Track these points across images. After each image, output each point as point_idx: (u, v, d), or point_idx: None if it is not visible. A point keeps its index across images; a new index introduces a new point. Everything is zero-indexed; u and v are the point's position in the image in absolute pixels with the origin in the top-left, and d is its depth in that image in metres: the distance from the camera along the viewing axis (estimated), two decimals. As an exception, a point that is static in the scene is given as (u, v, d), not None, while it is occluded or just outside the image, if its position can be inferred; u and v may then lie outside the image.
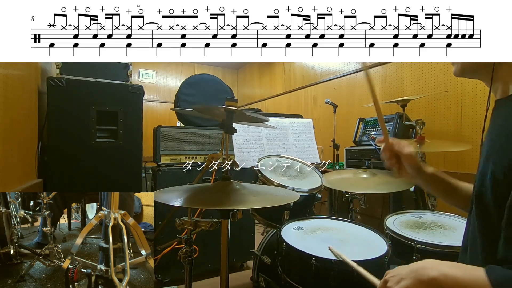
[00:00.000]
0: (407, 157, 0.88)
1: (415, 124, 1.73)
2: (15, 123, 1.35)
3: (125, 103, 1.86)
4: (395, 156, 0.90)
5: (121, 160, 1.84)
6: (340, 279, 0.96)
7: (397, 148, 0.89)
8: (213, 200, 0.89)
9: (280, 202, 0.92)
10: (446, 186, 0.89)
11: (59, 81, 1.68)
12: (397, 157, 0.90)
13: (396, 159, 0.90)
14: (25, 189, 1.48)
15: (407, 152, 0.88)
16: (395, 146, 0.90)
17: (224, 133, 1.04)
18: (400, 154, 0.89)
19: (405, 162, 0.89)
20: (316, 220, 1.38)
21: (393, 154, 0.90)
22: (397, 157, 0.90)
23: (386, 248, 1.06)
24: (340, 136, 2.84)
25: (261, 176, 1.45)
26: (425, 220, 1.39)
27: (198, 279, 2.11)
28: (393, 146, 0.90)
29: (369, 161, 2.21)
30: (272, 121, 2.10)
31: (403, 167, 0.90)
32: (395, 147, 0.90)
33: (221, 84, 2.58)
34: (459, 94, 2.22)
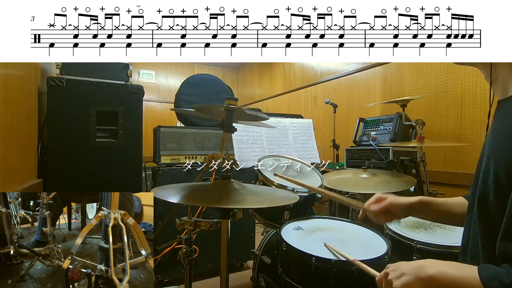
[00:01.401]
0: (389, 206, 0.88)
1: (415, 124, 1.73)
2: (15, 123, 1.35)
3: (125, 103, 1.86)
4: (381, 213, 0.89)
5: (121, 160, 1.84)
6: (340, 279, 0.96)
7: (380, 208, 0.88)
8: (213, 199, 0.89)
9: (280, 203, 0.92)
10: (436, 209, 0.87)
11: (59, 81, 1.68)
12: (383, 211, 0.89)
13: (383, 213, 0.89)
14: (25, 189, 1.48)
15: (388, 202, 0.88)
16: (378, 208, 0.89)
17: (224, 132, 1.04)
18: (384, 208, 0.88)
19: (393, 210, 0.88)
20: (316, 220, 1.38)
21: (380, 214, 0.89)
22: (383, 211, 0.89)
23: (386, 248, 1.06)
24: (340, 136, 2.84)
25: (261, 176, 1.45)
26: (425, 220, 1.39)
27: (198, 279, 2.11)
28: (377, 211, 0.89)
29: (369, 161, 2.21)
30: (272, 121, 2.10)
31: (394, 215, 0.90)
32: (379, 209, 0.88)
33: (221, 84, 2.58)
34: (459, 94, 2.22)
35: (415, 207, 0.87)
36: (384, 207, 0.88)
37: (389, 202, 0.88)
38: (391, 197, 0.89)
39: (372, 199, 0.91)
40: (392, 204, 0.87)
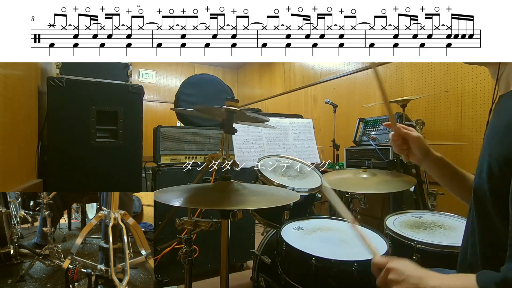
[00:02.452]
0: (415, 140, 0.90)
1: (415, 124, 1.74)
2: (15, 123, 1.35)
3: (125, 103, 1.86)
4: (403, 141, 0.92)
5: (121, 160, 1.84)
6: (340, 279, 0.96)
7: (405, 132, 0.91)
8: (213, 200, 0.89)
9: (280, 203, 0.92)
10: (452, 172, 0.90)
11: (59, 81, 1.68)
12: (405, 141, 0.92)
13: (404, 143, 0.92)
14: (25, 189, 1.48)
15: (415, 135, 0.90)
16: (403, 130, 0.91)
17: (224, 133, 1.04)
18: (408, 137, 0.91)
19: (414, 145, 0.90)
20: (316, 220, 1.38)
21: (401, 138, 0.92)
22: (405, 141, 0.92)
23: (386, 248, 1.06)
24: (340, 136, 2.84)
25: (261, 176, 1.45)
26: (425, 220, 1.39)
27: (198, 279, 2.11)
28: (401, 130, 0.91)
29: (369, 161, 2.21)
30: (272, 121, 2.10)
31: (411, 151, 0.92)
32: (403, 131, 0.91)
33: (221, 84, 2.58)
34: (459, 94, 2.22)
35: (433, 157, 0.90)
36: (409, 135, 0.90)
37: (416, 135, 0.90)
38: (419, 135, 0.91)
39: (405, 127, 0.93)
40: (418, 140, 0.89)
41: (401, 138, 0.92)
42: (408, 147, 0.92)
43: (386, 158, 2.09)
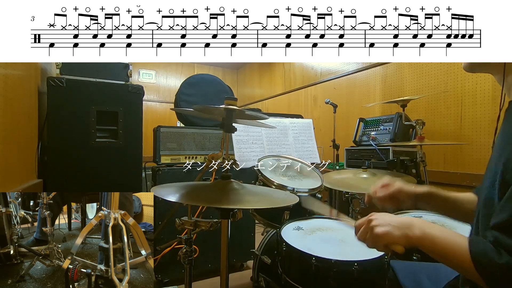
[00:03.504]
0: (397, 192, 0.88)
1: (415, 124, 1.73)
2: (15, 123, 1.35)
3: (125, 103, 1.86)
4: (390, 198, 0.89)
5: (121, 160, 1.84)
6: (340, 279, 0.96)
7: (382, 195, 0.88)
8: (212, 198, 0.89)
9: (280, 204, 0.92)
10: (444, 202, 0.87)
11: (59, 81, 1.68)
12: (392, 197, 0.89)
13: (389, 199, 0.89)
14: (25, 189, 1.48)
15: (395, 189, 0.88)
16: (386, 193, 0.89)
17: (224, 132, 1.04)
18: (391, 194, 0.88)
19: (400, 196, 0.88)
20: (316, 220, 1.38)
21: (387, 199, 0.89)
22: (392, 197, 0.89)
23: (386, 248, 1.06)
24: (340, 136, 2.84)
25: (261, 176, 1.45)
26: (425, 220, 1.39)
27: (198, 279, 2.11)
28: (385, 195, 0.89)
29: (369, 161, 2.21)
30: (272, 121, 2.10)
31: (400, 202, 0.89)
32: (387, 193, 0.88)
33: (221, 84, 2.58)
34: (459, 94, 2.22)
35: (423, 197, 0.86)
36: (391, 193, 0.87)
37: (397, 188, 0.87)
38: (399, 183, 0.88)
39: (379, 184, 0.90)
40: (400, 191, 0.87)
41: (388, 199, 0.89)
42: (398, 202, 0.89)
43: (386, 158, 2.09)
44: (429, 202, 0.87)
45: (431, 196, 0.86)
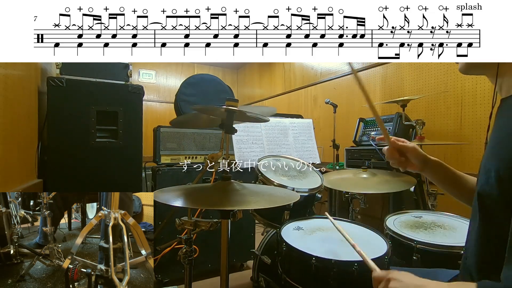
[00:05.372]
0: (412, 150, 0.91)
1: (415, 124, 1.74)
2: (15, 123, 1.35)
3: (125, 103, 1.86)
4: (400, 153, 0.92)
5: (121, 160, 1.84)
6: (340, 279, 0.96)
7: (401, 144, 0.92)
8: (213, 200, 0.89)
9: (280, 203, 0.92)
10: (451, 175, 0.92)
11: (59, 81, 1.68)
12: (402, 154, 0.92)
13: (401, 155, 0.92)
14: (25, 189, 1.48)
15: (411, 145, 0.91)
16: (398, 143, 0.92)
17: (224, 133, 1.04)
18: (405, 149, 0.92)
19: (412, 156, 0.91)
20: (316, 220, 1.38)
21: (396, 151, 0.92)
22: (402, 154, 0.92)
23: (386, 248, 1.06)
24: (340, 136, 2.84)
25: (261, 176, 1.45)
26: (425, 220, 1.39)
27: (198, 279, 2.11)
28: (396, 144, 0.92)
29: (369, 161, 2.21)
30: (272, 121, 2.10)
31: (410, 162, 0.93)
32: (399, 144, 0.92)
33: (221, 84, 2.58)
34: (459, 94, 2.22)
35: (432, 164, 0.92)
36: (406, 148, 0.91)
37: (412, 146, 0.91)
38: (415, 145, 0.93)
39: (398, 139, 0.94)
40: (414, 150, 0.91)
41: (398, 151, 0.92)
42: (406, 159, 0.92)
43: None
44: (436, 171, 0.92)
45: (440, 165, 0.92)
